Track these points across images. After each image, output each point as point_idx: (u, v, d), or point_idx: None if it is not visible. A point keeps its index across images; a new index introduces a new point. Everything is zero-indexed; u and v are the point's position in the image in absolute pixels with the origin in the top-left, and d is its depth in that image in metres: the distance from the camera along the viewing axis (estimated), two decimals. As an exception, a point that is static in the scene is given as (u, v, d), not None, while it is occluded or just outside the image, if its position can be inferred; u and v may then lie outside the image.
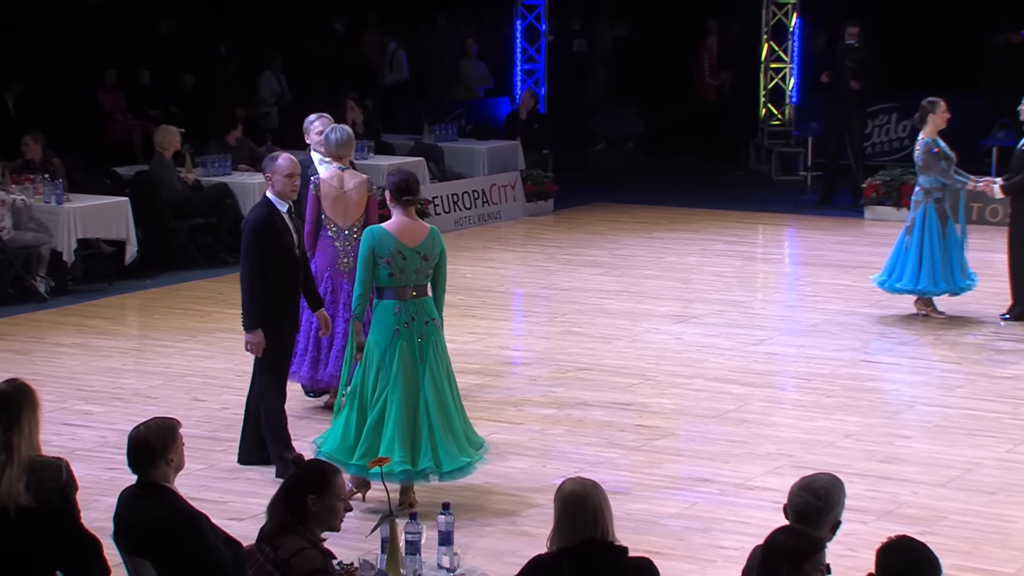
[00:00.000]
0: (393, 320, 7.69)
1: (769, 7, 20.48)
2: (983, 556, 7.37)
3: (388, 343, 7.68)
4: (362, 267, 7.71)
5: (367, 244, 7.70)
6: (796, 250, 16.48)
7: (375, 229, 7.78)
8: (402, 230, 7.73)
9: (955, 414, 9.79)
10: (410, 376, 7.69)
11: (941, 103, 12.02)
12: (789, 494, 5.05)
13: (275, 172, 8.28)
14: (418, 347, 7.71)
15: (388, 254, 7.66)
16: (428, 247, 7.75)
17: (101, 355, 11.35)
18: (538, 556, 5.16)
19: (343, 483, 5.35)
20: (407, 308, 7.71)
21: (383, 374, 7.68)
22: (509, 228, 17.00)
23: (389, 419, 7.66)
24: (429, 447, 7.66)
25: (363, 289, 7.73)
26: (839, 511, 5.02)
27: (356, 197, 9.34)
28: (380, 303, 7.76)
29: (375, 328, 7.74)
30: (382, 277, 7.70)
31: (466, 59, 21.34)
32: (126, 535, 5.70)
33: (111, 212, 13.73)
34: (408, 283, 7.71)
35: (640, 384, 10.47)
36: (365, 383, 7.73)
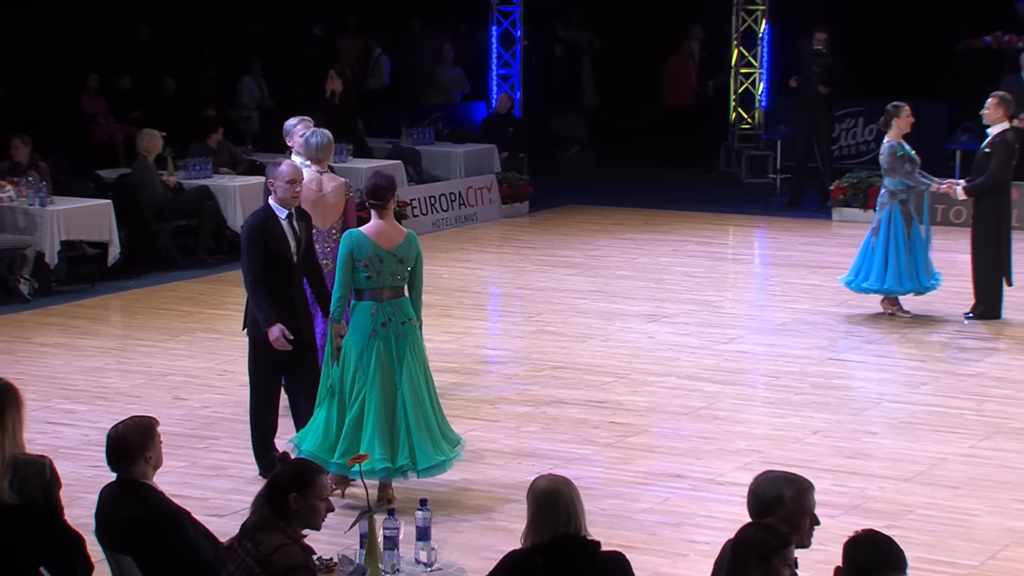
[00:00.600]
0: (370, 321, 7.69)
1: (739, 13, 20.54)
2: (947, 549, 7.39)
3: (365, 343, 7.68)
4: (341, 270, 7.71)
5: (346, 247, 7.70)
6: (765, 251, 16.52)
7: (353, 233, 7.79)
8: (379, 233, 7.74)
9: (920, 411, 9.83)
10: (387, 375, 7.69)
11: (905, 107, 12.06)
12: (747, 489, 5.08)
13: (277, 178, 8.22)
14: (395, 347, 7.71)
15: (366, 257, 7.67)
16: (404, 250, 7.76)
17: (84, 355, 11.31)
18: (513, 551, 5.16)
19: (326, 483, 5.33)
20: (384, 309, 7.72)
21: (360, 373, 7.68)
22: (485, 230, 16.99)
23: (368, 418, 7.66)
24: (407, 445, 7.67)
25: (342, 291, 7.73)
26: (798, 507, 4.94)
27: (334, 200, 9.31)
28: (357, 304, 7.75)
29: (352, 329, 7.74)
30: (360, 279, 7.71)
31: (443, 64, 21.33)
32: (108, 531, 5.68)
33: (94, 214, 13.69)
34: (385, 284, 7.72)
35: (613, 382, 10.48)
36: (344, 382, 7.73)
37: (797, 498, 4.96)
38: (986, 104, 12.06)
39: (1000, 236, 12.07)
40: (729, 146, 20.95)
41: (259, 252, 8.11)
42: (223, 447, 9.06)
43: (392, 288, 7.74)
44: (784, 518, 4.90)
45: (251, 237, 8.14)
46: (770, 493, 4.96)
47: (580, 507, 5.08)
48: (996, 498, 8.15)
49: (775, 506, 4.93)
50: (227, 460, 8.79)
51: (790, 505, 4.94)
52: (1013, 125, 12.37)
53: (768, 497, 4.96)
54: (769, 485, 5.00)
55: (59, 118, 17.47)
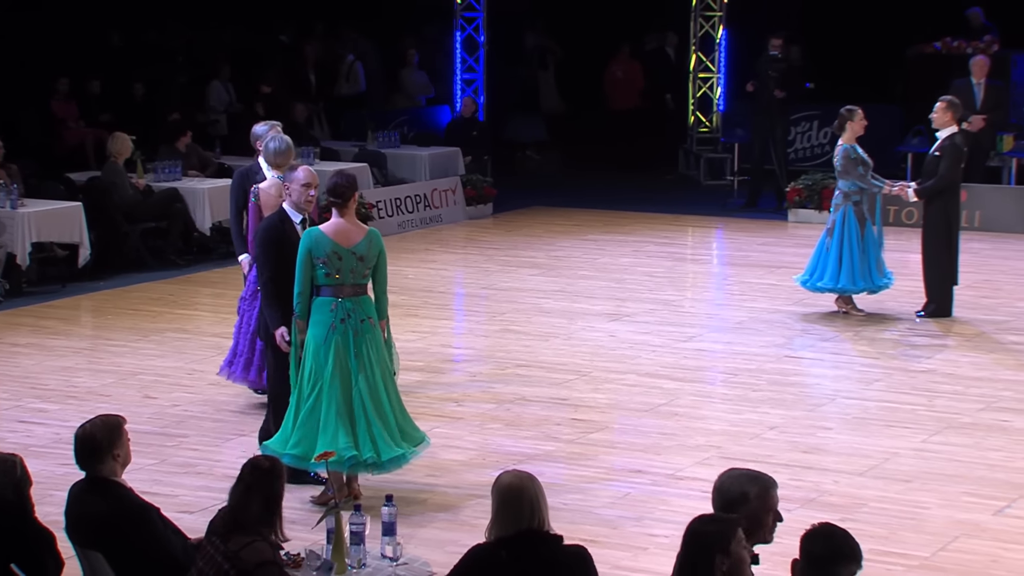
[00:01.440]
0: (329, 316, 7.67)
1: (697, 19, 20.60)
2: (900, 541, 7.43)
3: (324, 338, 7.65)
4: (300, 268, 7.68)
5: (304, 246, 7.68)
6: (724, 251, 16.56)
7: (312, 231, 7.76)
8: (337, 231, 7.71)
9: (873, 406, 9.87)
10: (344, 371, 7.66)
11: (859, 111, 12.11)
12: None
13: (292, 182, 8.17)
14: (353, 343, 7.68)
15: (324, 255, 7.65)
16: (364, 248, 7.72)
17: (55, 355, 11.23)
18: (477, 545, 5.15)
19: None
20: (343, 305, 7.69)
21: (318, 368, 7.65)
22: (450, 231, 16.98)
23: (329, 410, 7.62)
24: (367, 438, 7.64)
25: (302, 288, 7.70)
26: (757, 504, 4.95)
27: None
28: (317, 300, 7.72)
29: (312, 324, 7.70)
30: (319, 276, 7.68)
31: (407, 69, 21.30)
32: (78, 528, 5.64)
33: (65, 216, 13.60)
34: (345, 282, 7.69)
35: (576, 380, 10.48)
36: (302, 376, 7.70)
37: (761, 495, 4.98)
38: (935, 108, 12.12)
39: (950, 236, 12.14)
40: (688, 149, 21.01)
41: (273, 254, 8.04)
42: (192, 445, 9.01)
43: (353, 286, 7.71)
44: (749, 515, 4.91)
45: (267, 239, 8.08)
46: (735, 490, 4.97)
47: (543, 502, 5.08)
48: (946, 491, 8.19)
49: (740, 503, 4.94)
50: (196, 457, 8.75)
51: (755, 502, 4.96)
52: (962, 128, 12.47)
53: (733, 494, 4.97)
54: (734, 483, 5.01)
55: (30, 122, 17.35)
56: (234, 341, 9.57)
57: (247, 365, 9.38)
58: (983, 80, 16.24)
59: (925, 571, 7.06)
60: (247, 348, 9.35)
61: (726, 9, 20.47)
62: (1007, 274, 14.35)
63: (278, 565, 5.15)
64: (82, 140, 17.27)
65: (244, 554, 5.04)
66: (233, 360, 9.53)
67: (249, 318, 9.15)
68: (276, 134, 9.38)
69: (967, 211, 15.28)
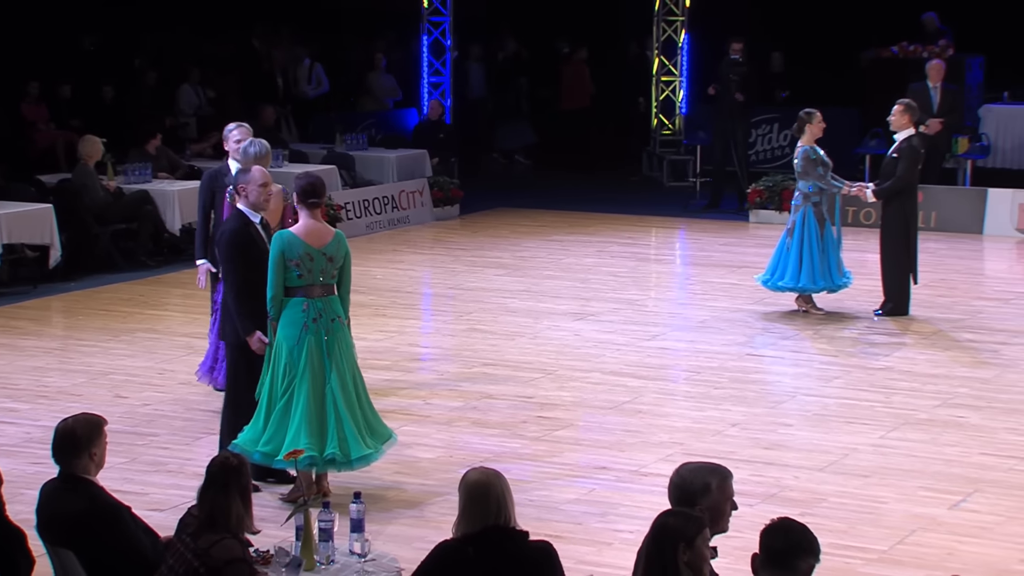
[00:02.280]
0: (301, 316, 7.65)
1: (659, 24, 20.65)
2: (858, 535, 7.47)
3: (297, 338, 7.63)
4: (274, 270, 7.64)
5: (277, 248, 7.64)
6: (686, 251, 16.61)
7: (284, 233, 7.72)
8: (308, 232, 7.70)
9: (833, 403, 9.92)
10: (317, 370, 7.64)
11: (817, 114, 12.17)
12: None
13: (249, 183, 8.08)
14: (324, 343, 7.67)
15: (297, 256, 7.62)
16: (333, 249, 7.72)
17: (26, 355, 11.15)
18: (444, 541, 5.15)
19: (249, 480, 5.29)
20: (314, 305, 7.68)
21: (290, 367, 7.63)
22: (417, 232, 16.96)
23: (297, 409, 7.60)
24: (336, 436, 7.63)
25: (276, 291, 7.67)
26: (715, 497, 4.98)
27: (273, 206, 9.19)
28: (289, 301, 7.69)
29: (283, 324, 7.67)
30: (292, 278, 7.66)
31: (375, 72, 21.26)
32: (49, 526, 5.61)
33: (36, 218, 13.52)
34: (315, 282, 7.68)
35: (541, 378, 10.49)
36: (274, 376, 7.67)
37: (721, 486, 5.04)
38: (892, 111, 12.19)
39: (908, 237, 12.21)
40: (651, 151, 21.06)
41: (241, 259, 7.94)
42: (163, 443, 8.98)
43: (323, 286, 7.70)
44: (711, 505, 4.96)
45: (234, 243, 7.95)
46: (698, 482, 5.01)
47: (510, 499, 5.09)
48: (904, 486, 8.24)
49: (703, 494, 4.98)
50: (166, 456, 8.71)
51: (716, 493, 5.01)
52: (919, 131, 12.54)
53: (696, 486, 5.00)
54: (696, 475, 5.04)
55: (0, 124, 17.23)
56: (211, 345, 9.48)
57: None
58: (939, 84, 16.34)
59: (883, 564, 7.10)
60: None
61: (688, 14, 20.52)
62: (962, 273, 14.46)
63: (247, 562, 5.14)
64: (53, 143, 17.17)
65: (214, 551, 5.02)
66: (214, 366, 9.42)
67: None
68: (254, 138, 9.33)
69: (924, 212, 15.36)
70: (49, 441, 5.75)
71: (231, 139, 9.73)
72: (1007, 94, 18.80)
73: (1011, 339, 11.62)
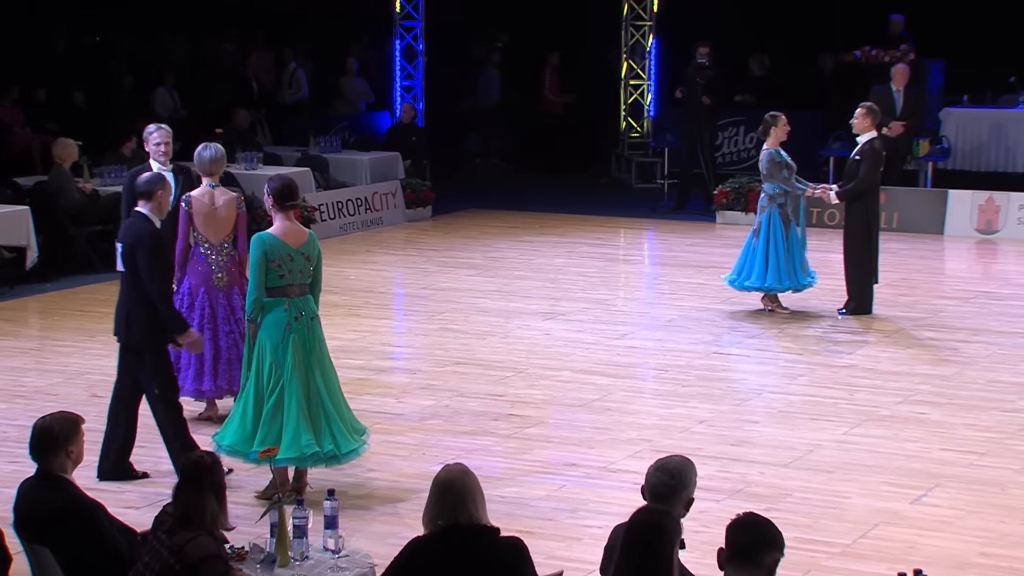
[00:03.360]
0: (284, 316, 7.65)
1: (628, 28, 20.68)
2: (822, 529, 7.50)
3: (281, 337, 7.62)
4: (256, 273, 7.61)
5: (259, 250, 7.61)
6: (654, 252, 16.64)
7: (264, 236, 7.70)
8: (286, 233, 7.69)
9: (797, 400, 9.95)
10: (303, 367, 7.65)
11: (782, 117, 12.21)
12: (646, 475, 5.09)
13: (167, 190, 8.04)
14: (306, 341, 7.67)
15: (279, 257, 7.61)
16: (309, 248, 7.74)
17: (3, 355, 11.09)
18: (416, 538, 5.15)
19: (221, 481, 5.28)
20: (295, 305, 7.68)
21: (276, 367, 7.62)
22: (390, 233, 16.94)
23: (290, 407, 7.59)
24: (328, 432, 7.64)
25: (259, 293, 7.64)
26: (692, 489, 5.06)
27: (225, 214, 9.14)
28: (268, 302, 7.68)
29: (267, 324, 7.66)
30: (273, 279, 7.65)
31: (347, 76, 21.22)
32: (26, 523, 5.59)
33: (12, 220, 13.44)
34: (294, 282, 7.68)
35: (512, 376, 10.49)
36: (260, 377, 7.65)
37: (695, 477, 5.09)
38: (855, 114, 12.24)
39: (870, 237, 12.27)
40: (619, 153, 21.09)
41: (162, 261, 7.94)
42: (138, 442, 8.91)
43: (300, 285, 7.71)
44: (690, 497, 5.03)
45: (155, 246, 7.90)
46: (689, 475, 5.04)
47: (473, 496, 5.07)
48: (867, 481, 8.28)
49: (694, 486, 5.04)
50: (141, 455, 8.65)
51: (693, 485, 5.06)
52: (881, 133, 12.60)
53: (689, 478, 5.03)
54: (685, 469, 5.05)
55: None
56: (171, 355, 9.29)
57: (197, 376, 9.12)
58: (902, 88, 16.42)
59: (846, 558, 7.13)
60: (194, 359, 9.12)
61: (655, 18, 20.56)
62: (923, 273, 14.54)
63: (222, 559, 5.12)
64: (28, 145, 17.08)
65: (189, 548, 5.01)
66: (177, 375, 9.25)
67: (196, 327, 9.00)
68: (208, 143, 9.28)
69: (886, 213, 15.45)
70: (25, 440, 5.73)
71: (151, 141, 9.73)
72: (967, 97, 18.91)
73: (970, 337, 11.69)
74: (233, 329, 9.06)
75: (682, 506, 5.03)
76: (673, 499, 4.99)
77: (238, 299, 9.06)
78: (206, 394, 9.24)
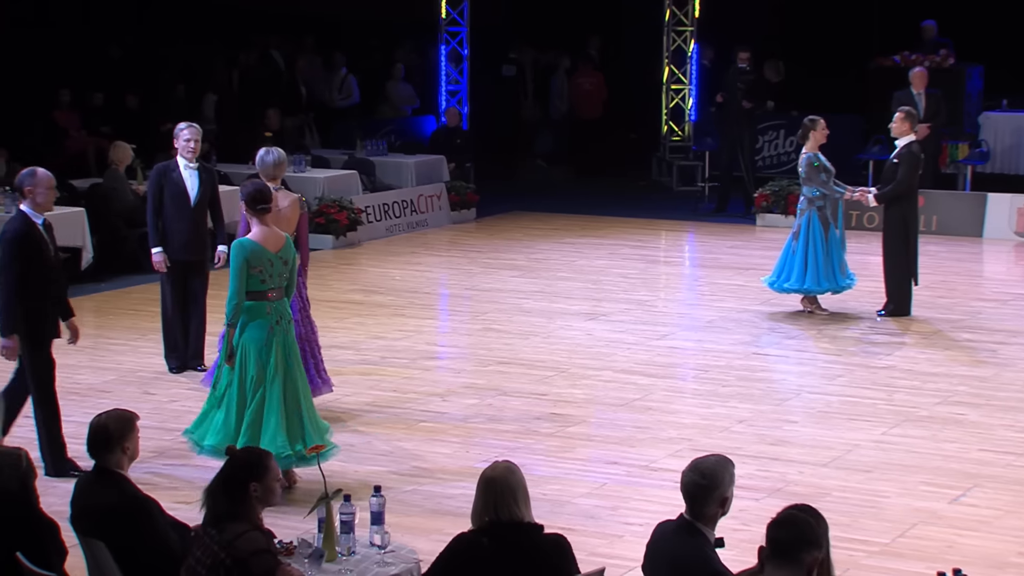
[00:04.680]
0: (267, 319, 7.73)
1: (669, 33, 20.64)
2: (861, 528, 7.46)
3: (265, 340, 7.70)
4: (238, 278, 7.65)
5: (241, 256, 7.65)
6: (695, 253, 16.59)
7: (245, 242, 7.74)
8: (266, 239, 7.77)
9: (836, 401, 9.90)
10: (283, 369, 7.74)
11: (821, 121, 12.15)
12: (681, 475, 5.08)
13: (37, 185, 8.01)
14: (285, 343, 7.77)
15: (260, 263, 7.68)
16: (286, 252, 7.83)
17: (59, 352, 11.08)
18: (461, 534, 5.16)
19: (276, 465, 5.33)
20: (276, 308, 7.77)
21: (260, 369, 7.69)
22: (435, 235, 16.97)
23: (271, 409, 7.67)
24: (301, 433, 7.73)
25: (240, 299, 7.69)
26: (725, 488, 5.02)
27: (289, 214, 9.19)
28: (252, 306, 7.72)
29: (250, 329, 7.71)
30: (255, 283, 7.70)
31: (393, 81, 21.28)
32: (82, 518, 5.64)
33: (68, 221, 13.53)
34: (274, 286, 7.76)
35: (554, 376, 10.49)
36: (244, 379, 7.69)
37: (733, 474, 5.07)
38: (894, 118, 12.17)
39: (908, 240, 12.19)
40: (660, 157, 21.05)
41: (23, 260, 7.92)
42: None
43: (278, 289, 7.80)
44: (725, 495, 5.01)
45: (17, 244, 7.88)
46: (723, 474, 5.02)
47: (515, 493, 5.08)
48: (905, 481, 8.23)
49: (730, 484, 5.02)
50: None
51: (729, 482, 5.05)
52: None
53: (723, 478, 5.02)
54: (719, 468, 5.04)
55: (34, 131, 17.29)
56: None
57: None
58: (923, 90, 16.28)
59: (885, 556, 7.09)
60: None
61: (697, 24, 20.51)
62: (962, 275, 14.43)
63: (272, 553, 5.14)
64: (84, 148, 17.23)
65: (239, 543, 5.03)
66: None
67: None
68: (271, 148, 9.36)
69: (925, 216, 15.34)
70: (80, 436, 5.78)
71: (181, 137, 10.05)
72: (1006, 102, 18.75)
73: (1009, 339, 11.58)
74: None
75: (716, 505, 5.00)
76: (706, 499, 4.97)
77: (295, 300, 9.11)
78: None
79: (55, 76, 18.00)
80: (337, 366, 10.30)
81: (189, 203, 10.19)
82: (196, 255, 10.25)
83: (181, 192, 10.23)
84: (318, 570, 5.55)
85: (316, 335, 9.35)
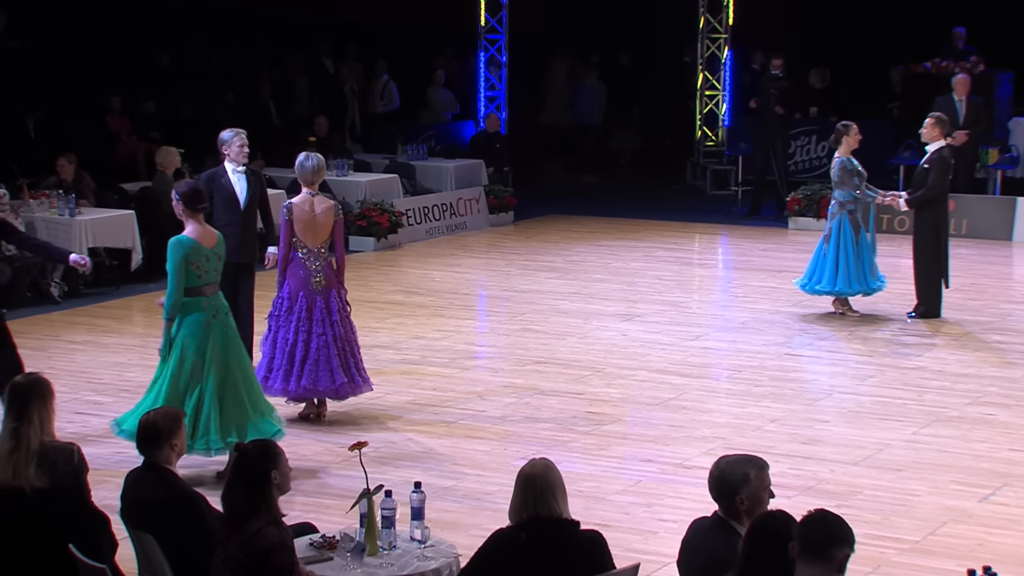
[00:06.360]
0: (203, 314, 7.79)
1: (703, 40, 20.58)
2: (892, 526, 7.41)
3: (202, 335, 7.77)
4: (177, 275, 7.72)
5: (179, 254, 7.73)
6: (728, 256, 16.53)
7: (184, 240, 7.82)
8: (201, 236, 7.87)
9: (867, 401, 9.85)
10: (220, 363, 7.80)
11: (853, 126, 12.09)
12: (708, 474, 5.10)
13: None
14: (222, 334, 7.84)
15: (197, 259, 7.76)
16: (220, 248, 7.95)
17: (109, 351, 11.27)
18: (499, 529, 5.17)
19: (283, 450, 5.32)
20: (212, 302, 7.85)
21: (199, 362, 7.75)
22: (474, 237, 16.99)
23: (206, 403, 7.74)
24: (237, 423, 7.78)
25: (179, 296, 7.76)
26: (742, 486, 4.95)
27: (324, 220, 9.17)
28: (188, 301, 7.79)
29: (188, 324, 7.77)
30: (192, 279, 7.78)
31: (434, 87, 21.32)
32: (132, 512, 5.67)
33: (118, 224, 13.67)
34: (210, 281, 7.85)
35: (590, 375, 10.48)
36: (180, 373, 7.74)
37: (759, 475, 5.04)
38: (924, 124, 12.10)
39: (939, 243, 12.11)
40: (695, 161, 20.99)
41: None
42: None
43: (213, 284, 7.89)
44: (750, 494, 4.97)
45: None
46: (738, 473, 5.00)
47: (553, 490, 5.08)
48: (935, 480, 8.17)
49: (743, 484, 4.98)
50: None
51: (755, 483, 5.01)
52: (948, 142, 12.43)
53: (737, 477, 5.00)
54: (734, 467, 5.04)
55: (87, 136, 17.42)
56: (266, 356, 9.25)
57: (286, 376, 9.13)
58: (965, 97, 16.18)
59: (915, 554, 7.04)
60: (285, 360, 9.22)
61: (731, 31, 20.45)
62: (992, 278, 14.31)
63: (288, 548, 5.08)
64: (134, 153, 17.34)
65: (256, 541, 4.98)
66: (269, 375, 9.31)
67: (286, 332, 9.10)
68: (310, 153, 9.38)
69: (955, 219, 15.22)
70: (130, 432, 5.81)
71: (234, 144, 9.97)
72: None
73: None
74: (326, 331, 9.10)
75: (740, 502, 4.98)
76: (725, 495, 4.97)
77: (335, 302, 9.14)
78: (291, 394, 9.17)
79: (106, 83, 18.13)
80: (379, 365, 10.33)
81: (239, 206, 10.23)
82: (247, 258, 10.28)
83: (231, 196, 10.26)
84: (360, 563, 5.57)
85: (355, 335, 9.34)
